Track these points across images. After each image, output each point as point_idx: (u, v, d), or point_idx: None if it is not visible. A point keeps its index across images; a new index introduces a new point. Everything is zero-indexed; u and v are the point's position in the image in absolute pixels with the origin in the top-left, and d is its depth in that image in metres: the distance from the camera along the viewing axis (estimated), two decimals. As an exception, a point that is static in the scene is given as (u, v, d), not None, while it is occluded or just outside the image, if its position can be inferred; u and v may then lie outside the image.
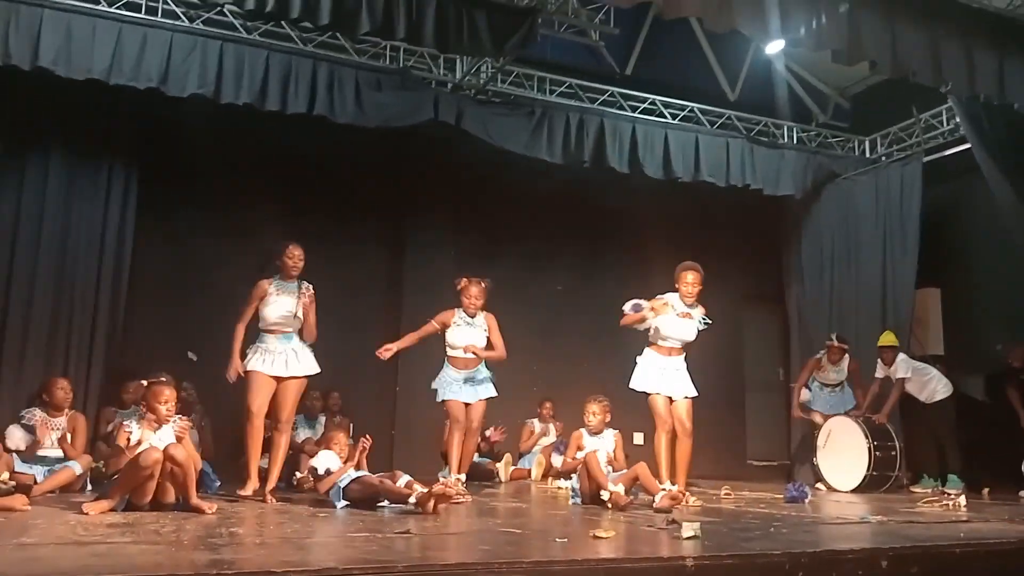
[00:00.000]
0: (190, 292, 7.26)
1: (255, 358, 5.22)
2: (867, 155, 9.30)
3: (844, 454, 7.27)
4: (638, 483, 5.20)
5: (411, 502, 4.37)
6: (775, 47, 8.47)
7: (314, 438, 6.71)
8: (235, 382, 5.23)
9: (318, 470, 4.84)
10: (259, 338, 5.32)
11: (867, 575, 3.03)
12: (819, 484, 7.44)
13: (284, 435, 5.32)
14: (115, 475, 4.29)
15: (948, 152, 8.28)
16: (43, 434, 5.49)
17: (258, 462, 5.28)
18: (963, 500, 5.67)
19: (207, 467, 5.57)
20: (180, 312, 7.23)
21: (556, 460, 7.38)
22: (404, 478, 4.61)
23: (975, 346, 8.20)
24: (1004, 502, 6.19)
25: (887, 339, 7.63)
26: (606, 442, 5.48)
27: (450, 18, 6.25)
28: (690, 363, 5.85)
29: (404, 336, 6.03)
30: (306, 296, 5.37)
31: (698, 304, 5.65)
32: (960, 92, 6.94)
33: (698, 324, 5.61)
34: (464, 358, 5.87)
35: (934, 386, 7.47)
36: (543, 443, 8.10)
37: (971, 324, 8.36)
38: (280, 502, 4.95)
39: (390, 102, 7.20)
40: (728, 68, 9.28)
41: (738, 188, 8.57)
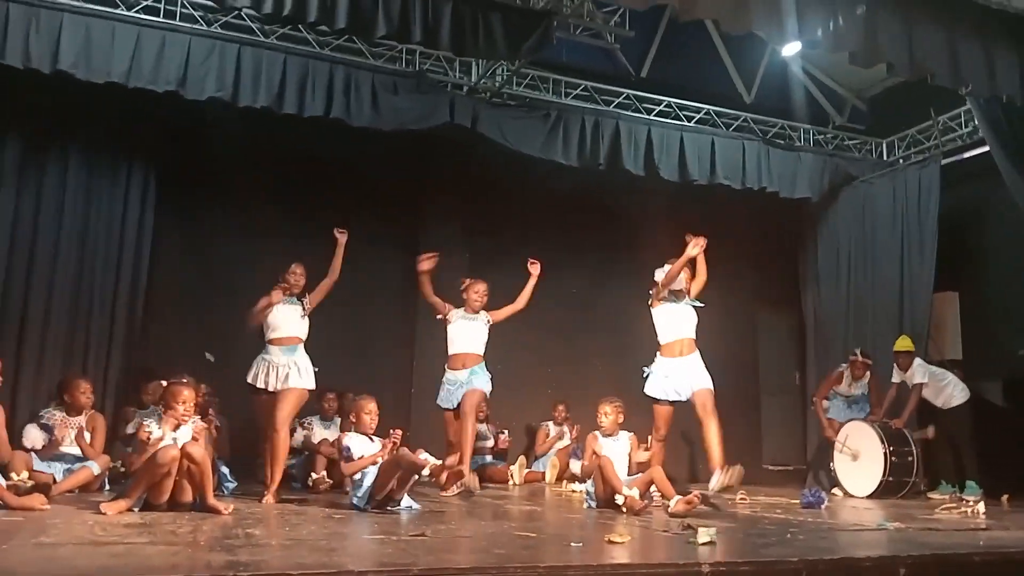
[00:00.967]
0: (208, 292, 7.31)
1: (256, 372, 5.39)
2: (884, 158, 9.23)
3: (861, 459, 7.22)
4: (652, 487, 5.19)
5: (425, 474, 4.45)
6: (791, 49, 8.42)
7: (330, 439, 6.72)
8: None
9: (351, 450, 4.83)
10: (264, 349, 5.45)
11: (885, 582, 3.01)
12: (835, 489, 7.39)
13: (279, 434, 5.33)
14: (134, 473, 4.32)
15: (967, 155, 8.21)
16: (62, 434, 5.53)
17: (280, 474, 5.32)
18: (982, 507, 5.62)
19: (223, 468, 5.62)
20: (198, 312, 7.28)
21: (575, 466, 7.37)
22: (422, 454, 4.65)
23: (993, 351, 8.11)
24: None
25: (903, 344, 7.56)
26: (621, 444, 5.46)
27: (466, 21, 6.26)
28: (706, 365, 5.87)
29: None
30: (308, 303, 5.56)
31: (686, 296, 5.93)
32: (979, 94, 6.87)
33: (692, 306, 5.82)
34: (461, 355, 5.99)
35: (951, 391, 7.39)
36: (558, 446, 8.09)
37: (989, 329, 8.28)
38: (297, 503, 4.97)
39: (406, 105, 7.22)
40: (744, 70, 9.24)
41: (754, 191, 8.54)
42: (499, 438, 8.01)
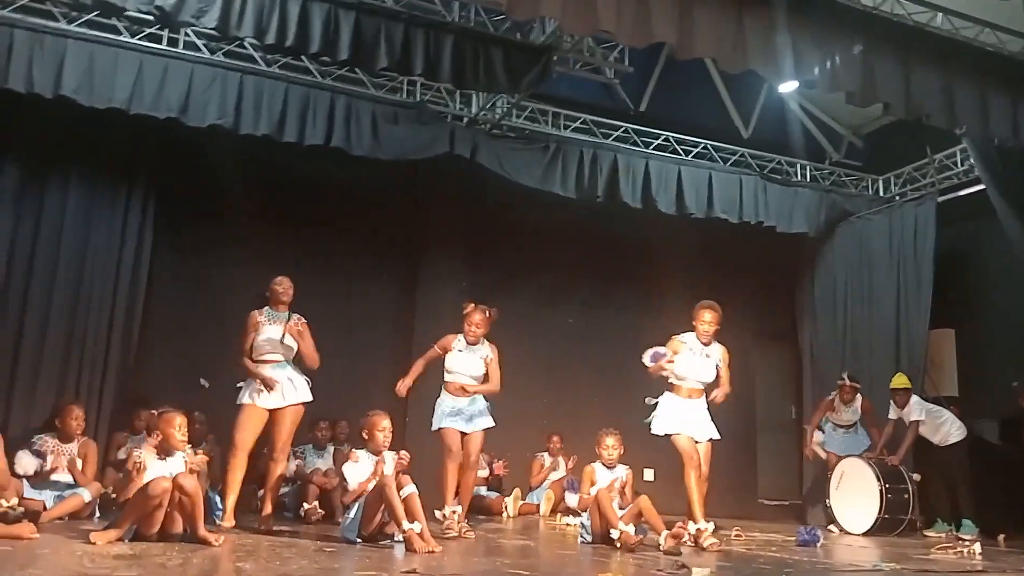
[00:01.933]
0: (204, 320, 7.28)
1: (249, 391, 5.33)
2: (881, 194, 9.29)
3: (857, 496, 7.18)
4: (643, 520, 5.14)
5: (397, 539, 4.37)
6: (789, 86, 8.52)
7: (322, 468, 6.68)
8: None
9: (347, 481, 4.77)
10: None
11: (880, 626, 2.98)
12: (831, 526, 7.35)
13: (280, 464, 5.34)
14: (125, 502, 4.28)
15: (962, 192, 8.26)
16: (56, 461, 5.49)
17: (236, 496, 5.30)
18: (978, 547, 5.58)
19: (213, 496, 5.57)
20: (194, 339, 7.26)
21: (570, 499, 7.29)
22: (409, 488, 4.53)
23: (990, 389, 8.10)
24: (1021, 550, 6.07)
25: (899, 381, 7.56)
26: (618, 477, 5.39)
27: (467, 55, 6.34)
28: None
29: (412, 366, 5.96)
30: (297, 325, 5.48)
31: (714, 342, 5.60)
32: (974, 135, 6.94)
33: (717, 363, 5.58)
34: (462, 387, 5.80)
35: (948, 429, 7.37)
36: (552, 477, 8.04)
37: (986, 366, 8.28)
38: (288, 536, 4.92)
39: (406, 135, 7.28)
40: (741, 106, 9.33)
41: (751, 225, 8.58)
42: (494, 466, 7.95)
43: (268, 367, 5.37)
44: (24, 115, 6.42)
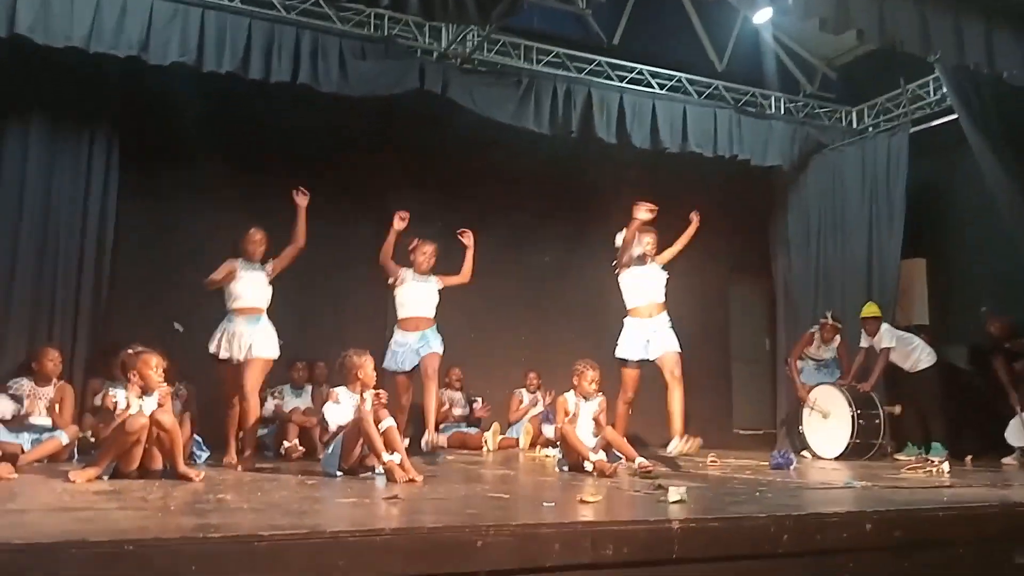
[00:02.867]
0: (174, 264, 7.19)
1: (220, 341, 5.37)
2: (854, 126, 9.29)
3: (829, 422, 7.34)
4: (613, 448, 5.22)
5: (378, 471, 4.43)
6: (762, 17, 8.43)
7: (301, 408, 6.71)
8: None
9: (328, 423, 4.79)
10: (227, 317, 5.43)
11: (852, 537, 3.06)
12: (804, 452, 7.52)
13: (248, 403, 5.33)
14: (103, 441, 4.27)
15: (935, 123, 8.27)
16: (32, 405, 5.46)
17: (235, 438, 5.47)
18: (946, 467, 5.75)
19: (196, 437, 5.58)
20: (165, 284, 7.19)
21: (548, 430, 7.42)
22: (388, 421, 4.56)
23: (960, 316, 8.25)
24: (986, 468, 6.26)
25: (870, 310, 7.67)
26: (592, 407, 5.40)
27: (436, -16, 6.16)
28: (677, 332, 5.92)
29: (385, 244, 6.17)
30: (270, 269, 5.52)
31: (656, 255, 5.98)
32: (948, 62, 6.91)
33: (661, 275, 5.88)
34: (413, 319, 5.94)
35: (918, 355, 7.52)
36: (531, 413, 8.13)
37: (956, 295, 8.42)
38: (269, 471, 4.96)
39: (375, 71, 7.12)
40: (716, 38, 9.21)
41: (725, 159, 8.56)
42: (474, 406, 8.04)
43: (243, 319, 5.36)
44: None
